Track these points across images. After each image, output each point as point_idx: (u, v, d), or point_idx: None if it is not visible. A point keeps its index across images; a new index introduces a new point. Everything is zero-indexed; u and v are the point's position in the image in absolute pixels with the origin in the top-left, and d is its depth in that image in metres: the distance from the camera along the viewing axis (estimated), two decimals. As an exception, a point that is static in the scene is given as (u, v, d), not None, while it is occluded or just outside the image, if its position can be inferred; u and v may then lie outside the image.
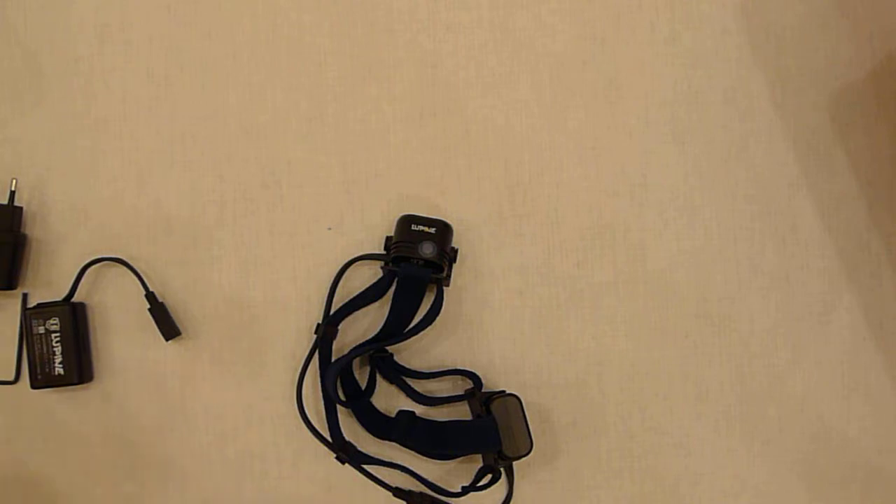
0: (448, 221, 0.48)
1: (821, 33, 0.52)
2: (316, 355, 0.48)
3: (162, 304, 0.48)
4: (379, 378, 0.49)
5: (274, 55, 0.51)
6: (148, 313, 0.48)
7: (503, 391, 0.48)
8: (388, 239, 0.48)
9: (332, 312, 0.48)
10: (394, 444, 0.48)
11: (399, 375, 0.49)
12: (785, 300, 0.51)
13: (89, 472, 0.49)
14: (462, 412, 0.49)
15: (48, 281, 0.49)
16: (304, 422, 0.47)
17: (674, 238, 0.51)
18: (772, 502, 0.50)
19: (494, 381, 0.49)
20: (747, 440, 0.50)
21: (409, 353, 0.49)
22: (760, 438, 0.50)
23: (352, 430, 0.49)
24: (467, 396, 0.48)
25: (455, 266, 0.49)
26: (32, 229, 0.49)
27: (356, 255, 0.49)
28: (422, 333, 0.48)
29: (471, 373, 0.49)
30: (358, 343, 0.48)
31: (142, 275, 0.48)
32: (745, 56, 0.52)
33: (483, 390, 0.48)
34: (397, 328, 0.47)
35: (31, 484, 0.49)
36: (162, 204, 0.50)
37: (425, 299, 0.48)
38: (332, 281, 0.49)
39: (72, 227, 0.49)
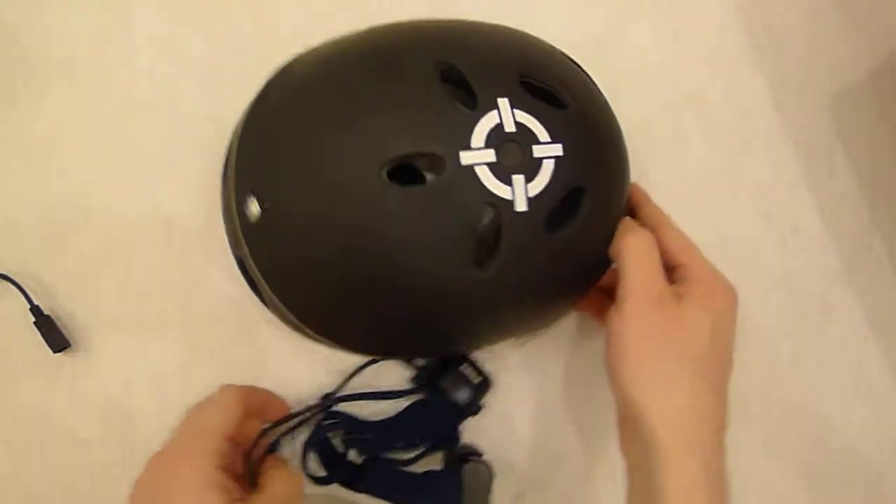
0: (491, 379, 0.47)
1: (821, 33, 0.52)
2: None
3: (48, 318, 0.47)
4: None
5: (275, 55, 0.51)
6: (34, 326, 0.47)
7: (479, 455, 0.46)
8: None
9: (342, 394, 0.47)
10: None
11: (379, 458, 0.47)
12: (785, 300, 0.51)
13: (88, 474, 0.49)
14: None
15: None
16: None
17: (674, 238, 0.51)
18: (773, 503, 0.50)
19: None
20: (748, 441, 0.50)
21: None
22: (761, 439, 0.50)
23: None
24: (437, 447, 0.46)
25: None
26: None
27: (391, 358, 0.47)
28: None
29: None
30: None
31: (28, 290, 0.47)
32: (745, 56, 0.52)
33: (461, 444, 0.47)
34: (389, 436, 0.46)
35: (29, 485, 0.49)
36: (162, 205, 0.50)
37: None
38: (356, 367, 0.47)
39: (72, 228, 0.49)
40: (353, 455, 0.46)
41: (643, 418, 0.37)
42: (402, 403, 0.47)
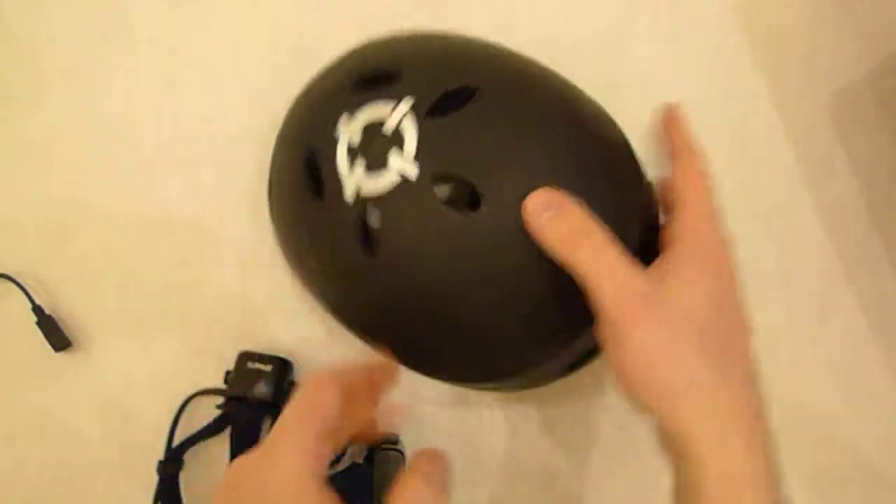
0: (287, 357, 0.46)
1: (821, 33, 0.52)
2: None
3: (50, 317, 0.48)
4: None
5: (275, 56, 0.51)
6: (37, 326, 0.48)
7: (394, 442, 0.45)
8: (227, 374, 0.47)
9: (173, 446, 0.47)
10: None
11: None
12: (785, 300, 0.51)
13: (88, 472, 0.49)
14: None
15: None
16: None
17: (674, 238, 0.51)
18: (772, 503, 0.50)
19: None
20: (747, 441, 0.50)
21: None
22: (761, 439, 0.50)
23: None
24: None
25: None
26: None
27: (197, 390, 0.48)
28: None
29: None
30: None
31: (30, 290, 0.48)
32: (745, 56, 0.51)
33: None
34: None
35: (30, 483, 0.49)
36: (162, 204, 0.50)
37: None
38: (173, 416, 0.47)
39: (73, 228, 0.49)
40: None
41: (670, 427, 0.35)
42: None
